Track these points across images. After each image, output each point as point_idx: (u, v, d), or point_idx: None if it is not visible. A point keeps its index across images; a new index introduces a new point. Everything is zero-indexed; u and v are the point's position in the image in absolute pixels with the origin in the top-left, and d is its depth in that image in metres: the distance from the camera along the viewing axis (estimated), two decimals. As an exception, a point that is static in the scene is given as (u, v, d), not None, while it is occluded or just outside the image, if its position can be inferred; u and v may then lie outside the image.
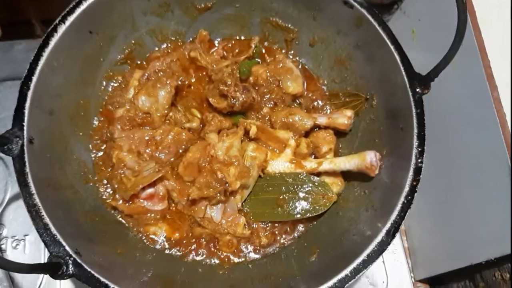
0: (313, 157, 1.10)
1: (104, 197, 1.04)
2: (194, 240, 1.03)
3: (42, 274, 1.08)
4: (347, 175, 1.08)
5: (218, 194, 0.96)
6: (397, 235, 1.21)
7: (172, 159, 1.05)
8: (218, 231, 1.01)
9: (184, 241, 1.03)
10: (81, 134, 1.06)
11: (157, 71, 1.12)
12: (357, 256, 0.83)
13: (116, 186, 1.01)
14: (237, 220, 1.01)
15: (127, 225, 1.03)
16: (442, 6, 1.12)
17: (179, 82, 1.12)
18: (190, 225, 1.03)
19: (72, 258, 0.78)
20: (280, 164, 1.04)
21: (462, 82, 1.06)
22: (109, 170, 1.06)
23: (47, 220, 0.81)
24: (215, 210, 1.00)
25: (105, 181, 1.06)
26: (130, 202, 1.01)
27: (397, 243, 1.22)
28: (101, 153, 1.08)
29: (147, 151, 1.04)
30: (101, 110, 1.12)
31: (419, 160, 0.88)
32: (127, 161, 1.02)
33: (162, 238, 1.03)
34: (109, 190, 1.05)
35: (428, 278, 1.37)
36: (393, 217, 0.85)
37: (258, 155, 1.02)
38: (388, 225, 0.85)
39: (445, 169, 1.19)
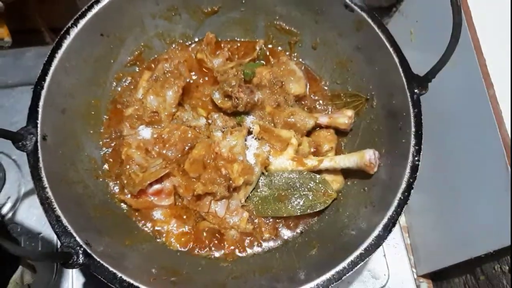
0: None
1: (113, 192, 1.08)
2: (199, 234, 1.05)
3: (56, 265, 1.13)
4: (347, 173, 1.10)
5: (222, 190, 0.99)
6: (398, 230, 1.25)
7: (179, 156, 1.08)
8: (222, 226, 1.03)
9: (190, 235, 1.05)
10: (91, 132, 1.09)
11: (165, 72, 1.14)
12: (355, 249, 0.85)
13: (125, 181, 1.04)
14: (240, 215, 1.03)
15: (134, 219, 1.06)
16: (439, 7, 1.13)
17: (186, 83, 1.15)
18: (196, 219, 1.06)
19: (82, 249, 0.81)
20: (282, 162, 1.06)
21: (459, 80, 1.08)
22: (118, 166, 1.09)
23: (59, 212, 0.84)
24: (219, 205, 1.02)
25: (114, 177, 1.09)
26: (138, 197, 1.04)
27: (397, 238, 1.24)
28: (110, 150, 1.11)
29: (155, 148, 1.07)
30: (111, 109, 1.15)
31: (416, 158, 0.90)
32: (135, 158, 1.05)
33: (168, 232, 1.05)
34: (118, 185, 1.08)
35: (431, 274, 1.40)
36: (390, 212, 0.87)
37: (261, 153, 1.05)
38: (385, 220, 0.87)
39: (444, 166, 1.21)
